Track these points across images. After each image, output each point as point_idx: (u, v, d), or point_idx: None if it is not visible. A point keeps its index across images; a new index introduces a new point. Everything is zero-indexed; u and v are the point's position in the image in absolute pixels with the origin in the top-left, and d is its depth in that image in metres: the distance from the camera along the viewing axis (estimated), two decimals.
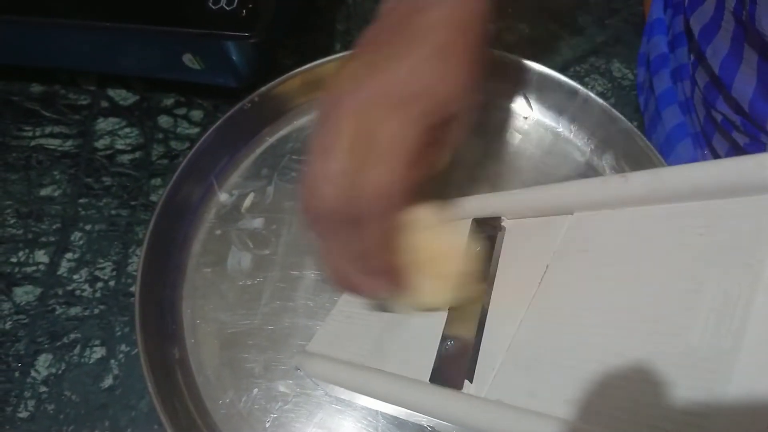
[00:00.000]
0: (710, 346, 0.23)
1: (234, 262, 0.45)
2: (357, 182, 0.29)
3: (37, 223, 0.49)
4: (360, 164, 0.29)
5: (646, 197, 0.31)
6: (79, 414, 0.42)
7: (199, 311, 0.44)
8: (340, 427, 0.40)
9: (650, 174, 0.31)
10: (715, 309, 0.24)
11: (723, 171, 0.28)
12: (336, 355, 0.38)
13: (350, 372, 0.37)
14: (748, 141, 0.41)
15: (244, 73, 0.50)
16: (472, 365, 0.32)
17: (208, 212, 0.48)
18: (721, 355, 0.23)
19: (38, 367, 0.44)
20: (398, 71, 0.29)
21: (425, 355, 0.34)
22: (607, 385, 0.26)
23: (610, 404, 0.25)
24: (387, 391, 0.34)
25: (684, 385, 0.23)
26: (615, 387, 0.26)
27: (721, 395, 0.22)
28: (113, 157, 0.52)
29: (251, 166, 0.50)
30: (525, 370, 0.30)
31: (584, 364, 0.27)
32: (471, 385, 0.32)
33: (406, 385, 0.33)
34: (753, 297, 0.23)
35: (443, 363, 0.33)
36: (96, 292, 0.46)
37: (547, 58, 0.57)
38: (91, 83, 0.56)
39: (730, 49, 0.42)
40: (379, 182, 0.29)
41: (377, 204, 0.29)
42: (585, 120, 0.49)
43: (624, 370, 0.26)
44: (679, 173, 0.30)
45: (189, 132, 0.53)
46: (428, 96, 0.29)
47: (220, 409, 0.40)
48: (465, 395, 0.31)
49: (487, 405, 0.30)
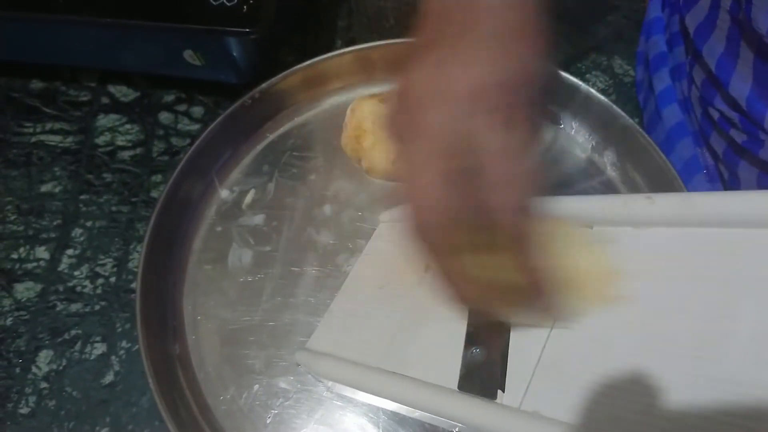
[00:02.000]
0: (753, 376, 0.25)
1: (235, 259, 0.45)
2: (481, 194, 0.27)
3: (38, 220, 0.49)
4: (475, 172, 0.27)
5: (672, 220, 0.31)
6: (80, 410, 0.42)
7: (200, 308, 0.44)
8: (341, 423, 0.40)
9: (678, 198, 0.32)
10: (753, 339, 0.25)
11: (753, 202, 0.29)
12: (343, 354, 0.38)
13: (365, 374, 0.36)
14: (746, 138, 0.41)
15: (244, 70, 0.49)
16: (502, 375, 0.32)
17: (209, 209, 0.48)
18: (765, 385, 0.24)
19: (39, 363, 0.44)
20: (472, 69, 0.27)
21: (449, 361, 0.34)
22: (650, 405, 0.27)
23: (655, 424, 0.26)
24: (416, 398, 0.34)
25: (730, 407, 0.24)
26: (658, 408, 0.26)
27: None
28: (114, 153, 0.52)
29: (252, 163, 0.50)
30: (560, 384, 0.30)
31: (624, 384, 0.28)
32: (503, 395, 0.32)
33: (438, 394, 0.33)
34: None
35: (470, 371, 0.33)
36: (97, 289, 0.46)
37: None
38: (91, 80, 0.56)
39: (726, 48, 0.41)
40: (507, 191, 0.27)
41: (511, 213, 0.27)
42: (586, 117, 0.49)
43: (665, 392, 0.27)
44: (708, 200, 0.30)
45: (190, 128, 0.53)
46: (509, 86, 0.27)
47: (221, 406, 0.41)
48: (504, 406, 0.31)
49: (530, 418, 0.30)
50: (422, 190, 0.27)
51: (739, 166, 0.42)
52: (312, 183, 0.48)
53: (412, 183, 0.28)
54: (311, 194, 0.48)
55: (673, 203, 0.31)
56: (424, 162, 0.27)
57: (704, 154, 0.47)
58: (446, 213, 0.27)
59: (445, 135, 0.27)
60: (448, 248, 0.29)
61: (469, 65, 0.27)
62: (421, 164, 0.27)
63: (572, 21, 0.59)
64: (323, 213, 0.47)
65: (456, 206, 0.27)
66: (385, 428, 0.39)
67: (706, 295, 0.28)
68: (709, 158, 0.46)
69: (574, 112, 0.50)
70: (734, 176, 0.43)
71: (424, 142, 0.28)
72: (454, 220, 0.27)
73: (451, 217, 0.27)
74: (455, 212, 0.27)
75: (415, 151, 0.28)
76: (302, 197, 0.48)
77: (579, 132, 0.50)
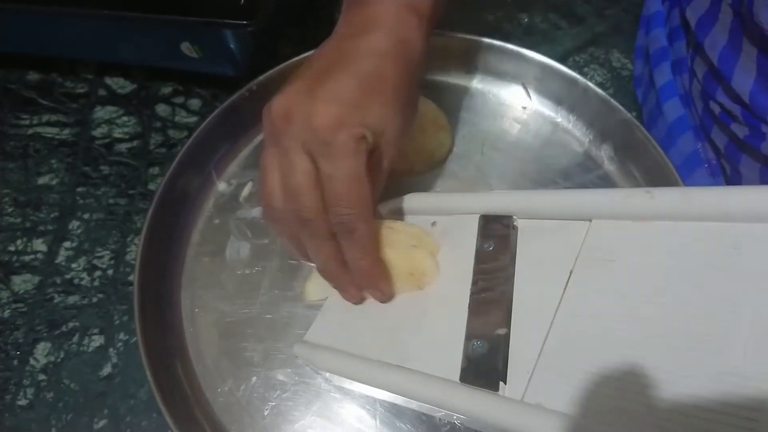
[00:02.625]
0: (754, 367, 0.25)
1: (233, 252, 0.45)
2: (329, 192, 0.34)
3: (35, 212, 0.49)
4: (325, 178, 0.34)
5: (672, 214, 0.31)
6: (78, 402, 0.42)
7: (198, 300, 0.44)
8: (339, 415, 0.40)
9: (678, 192, 0.32)
10: (754, 333, 0.26)
11: (754, 197, 0.29)
12: (342, 347, 0.39)
13: (365, 366, 0.37)
14: (747, 133, 0.41)
15: (242, 62, 0.49)
16: (504, 367, 0.33)
17: (207, 202, 0.48)
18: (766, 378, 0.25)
19: (37, 355, 0.44)
20: (330, 101, 0.33)
21: (451, 353, 0.34)
22: (653, 397, 0.27)
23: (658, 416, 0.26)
24: (417, 390, 0.34)
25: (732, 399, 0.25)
26: (662, 400, 0.27)
27: None
28: (111, 145, 0.52)
29: (250, 156, 0.49)
30: (563, 376, 0.30)
31: (626, 376, 0.28)
32: (505, 387, 0.32)
33: (440, 386, 0.33)
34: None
35: (471, 363, 0.33)
36: (94, 281, 0.46)
37: (547, 48, 0.56)
38: (89, 72, 0.55)
39: (729, 41, 0.41)
40: (350, 195, 0.34)
41: (354, 211, 0.34)
42: (584, 110, 0.49)
43: (668, 384, 0.27)
44: (707, 195, 0.30)
45: (187, 121, 0.53)
46: (356, 125, 0.33)
47: (218, 398, 0.41)
48: (506, 399, 0.31)
49: (532, 410, 0.30)
50: (268, 192, 0.35)
51: (741, 160, 0.42)
52: None
53: (263, 182, 0.36)
54: None
55: (673, 197, 0.31)
56: (272, 165, 0.35)
57: (705, 149, 0.47)
58: (283, 211, 0.35)
59: (303, 151, 0.34)
60: (288, 233, 0.38)
61: (330, 102, 0.33)
62: (270, 167, 0.35)
63: (570, 14, 0.59)
64: None
65: (289, 207, 0.35)
66: (383, 420, 0.40)
67: (707, 288, 0.28)
68: (710, 153, 0.46)
69: (572, 105, 0.50)
70: (736, 171, 0.43)
71: (281, 148, 0.34)
72: (287, 216, 0.36)
73: (285, 213, 0.36)
74: (288, 212, 0.35)
75: (271, 154, 0.35)
76: None
77: (576, 126, 0.50)
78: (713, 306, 0.28)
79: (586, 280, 0.33)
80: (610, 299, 0.31)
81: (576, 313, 0.32)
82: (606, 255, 0.33)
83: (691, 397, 0.26)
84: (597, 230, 0.34)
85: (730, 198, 0.30)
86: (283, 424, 0.40)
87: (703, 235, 0.30)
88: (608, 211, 0.34)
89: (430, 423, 0.39)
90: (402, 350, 0.37)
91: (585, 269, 0.33)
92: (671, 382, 0.27)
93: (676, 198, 0.31)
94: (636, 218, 0.33)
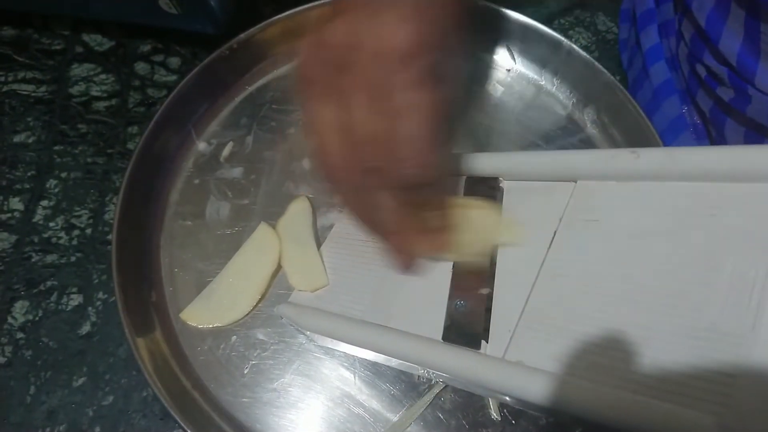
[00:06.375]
0: (732, 322, 0.26)
1: (212, 212, 0.45)
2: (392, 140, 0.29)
3: (11, 170, 0.48)
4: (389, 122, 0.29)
5: (656, 174, 0.32)
6: (57, 360, 0.42)
7: (177, 260, 0.43)
8: (319, 373, 0.40)
9: (662, 152, 0.32)
10: (733, 289, 0.26)
11: (736, 156, 0.29)
12: (326, 307, 0.39)
13: (350, 325, 0.37)
14: (733, 96, 0.41)
15: (221, 19, 0.48)
16: (486, 326, 0.33)
17: (186, 161, 0.47)
18: (744, 330, 0.25)
19: (15, 313, 0.43)
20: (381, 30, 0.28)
21: (434, 313, 0.35)
22: (632, 353, 0.27)
23: (637, 371, 0.27)
24: (401, 348, 0.34)
25: (710, 354, 0.25)
26: (641, 355, 0.27)
27: (746, 360, 0.24)
28: (89, 103, 0.51)
29: (230, 115, 0.49)
30: (544, 334, 0.30)
31: (607, 333, 0.29)
32: (487, 345, 0.32)
33: (424, 345, 0.34)
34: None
35: (455, 322, 0.33)
36: (72, 240, 0.46)
37: (532, 10, 0.56)
38: (65, 28, 0.54)
39: (717, 3, 0.41)
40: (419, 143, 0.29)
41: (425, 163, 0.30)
42: (568, 73, 0.49)
43: (648, 341, 0.27)
44: (692, 155, 0.31)
45: (166, 79, 0.52)
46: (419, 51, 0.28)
47: (198, 356, 0.41)
48: (487, 356, 0.32)
49: (512, 366, 0.30)
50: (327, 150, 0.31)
51: (726, 124, 0.42)
52: (291, 137, 0.48)
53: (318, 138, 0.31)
54: (290, 148, 0.47)
55: (658, 158, 0.32)
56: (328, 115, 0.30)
57: (691, 113, 0.47)
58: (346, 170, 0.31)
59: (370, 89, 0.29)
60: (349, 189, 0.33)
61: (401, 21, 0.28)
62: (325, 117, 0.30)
63: None
64: (302, 167, 0.47)
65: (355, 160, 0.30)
66: (362, 378, 0.40)
67: (688, 247, 0.29)
68: (696, 116, 0.46)
69: (556, 68, 0.50)
70: (721, 135, 0.43)
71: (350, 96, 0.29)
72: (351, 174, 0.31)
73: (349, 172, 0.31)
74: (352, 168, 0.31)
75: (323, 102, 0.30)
76: (281, 151, 0.47)
77: (560, 89, 0.50)
78: (694, 264, 0.28)
79: (570, 241, 0.33)
80: (593, 259, 0.31)
81: (558, 273, 0.32)
82: (590, 215, 0.33)
83: (670, 353, 0.26)
84: (582, 191, 0.34)
85: (714, 158, 0.30)
86: (264, 382, 0.40)
87: (686, 194, 0.30)
88: (594, 172, 0.34)
89: (408, 381, 0.40)
90: (386, 310, 0.37)
91: (569, 230, 0.33)
92: (650, 339, 0.27)
93: (661, 158, 0.31)
94: (621, 179, 0.33)
